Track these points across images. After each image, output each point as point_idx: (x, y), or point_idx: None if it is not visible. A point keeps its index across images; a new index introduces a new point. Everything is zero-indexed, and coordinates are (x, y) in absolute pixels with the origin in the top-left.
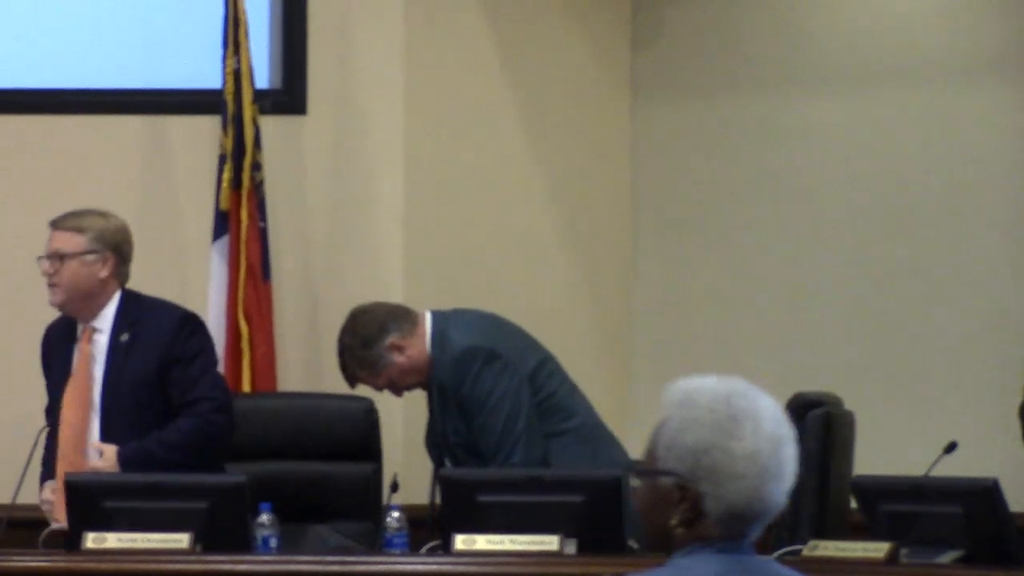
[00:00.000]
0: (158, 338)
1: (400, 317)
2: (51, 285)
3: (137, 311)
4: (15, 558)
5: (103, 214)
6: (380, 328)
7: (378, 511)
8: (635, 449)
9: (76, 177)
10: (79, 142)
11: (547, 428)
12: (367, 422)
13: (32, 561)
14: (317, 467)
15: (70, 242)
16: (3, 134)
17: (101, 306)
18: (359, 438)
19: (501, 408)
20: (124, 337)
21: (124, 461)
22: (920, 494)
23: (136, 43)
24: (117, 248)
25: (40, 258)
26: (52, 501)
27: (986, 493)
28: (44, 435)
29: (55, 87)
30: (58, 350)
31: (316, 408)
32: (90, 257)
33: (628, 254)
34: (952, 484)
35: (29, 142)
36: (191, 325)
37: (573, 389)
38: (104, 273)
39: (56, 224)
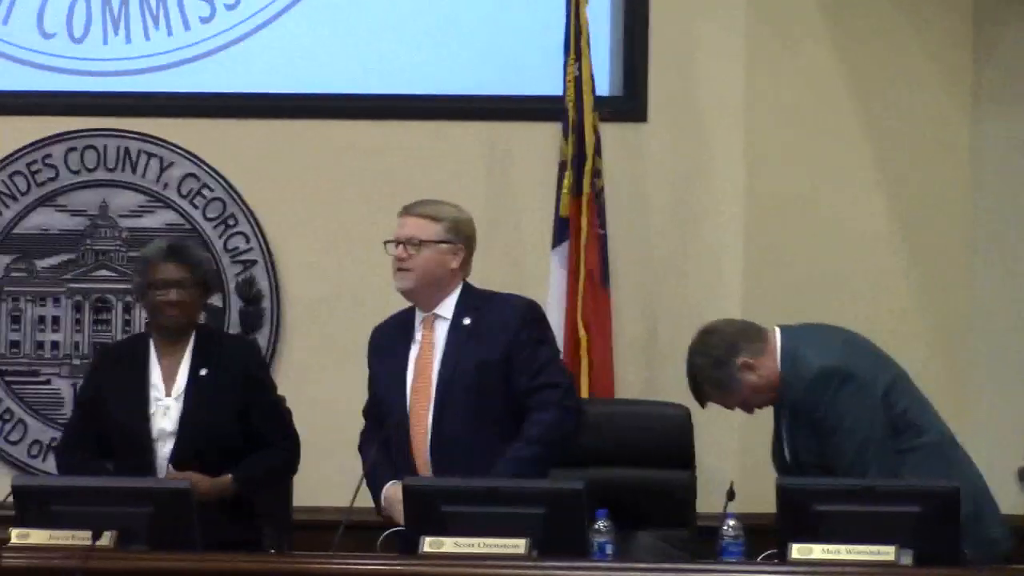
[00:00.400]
0: (504, 322)
1: (750, 335)
2: (401, 270)
3: (479, 298)
4: (354, 561)
5: (455, 205)
6: (731, 347)
7: (693, 518)
8: (975, 456)
9: (418, 181)
10: (422, 147)
11: (899, 445)
12: (683, 429)
13: (370, 564)
14: (634, 473)
15: (426, 229)
16: (349, 138)
17: (445, 296)
18: (676, 445)
19: (855, 431)
20: (467, 321)
21: (514, 475)
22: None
23: (478, 51)
24: (468, 241)
25: (389, 242)
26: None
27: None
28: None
29: (400, 93)
30: (388, 350)
31: (631, 415)
32: (444, 246)
33: (966, 263)
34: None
35: (373, 147)
36: (536, 312)
37: (925, 405)
38: (455, 264)
39: (410, 210)
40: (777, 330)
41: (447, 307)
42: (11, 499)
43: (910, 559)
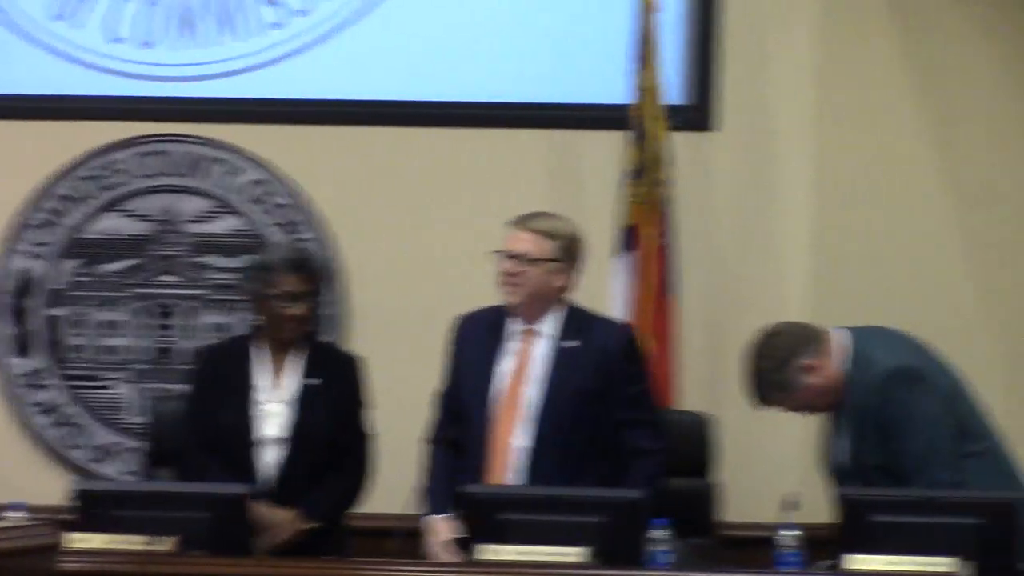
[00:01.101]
0: (609, 350)
1: (813, 337)
2: (510, 284)
3: (584, 320)
4: (411, 568)
5: (568, 221)
6: (793, 349)
7: (712, 526)
8: None
9: (485, 189)
10: (488, 155)
11: (961, 449)
12: (701, 437)
13: (427, 571)
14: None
15: (541, 246)
16: (416, 145)
17: (548, 311)
18: (693, 453)
19: (925, 431)
20: (571, 344)
21: None
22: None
23: (545, 58)
24: (577, 260)
25: (498, 253)
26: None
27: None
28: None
29: (467, 100)
30: (475, 349)
31: None
32: (555, 265)
33: None
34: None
35: (439, 153)
36: (637, 341)
37: (982, 411)
38: (562, 282)
39: (526, 225)
40: (841, 331)
41: (550, 324)
42: (73, 503)
43: (970, 571)
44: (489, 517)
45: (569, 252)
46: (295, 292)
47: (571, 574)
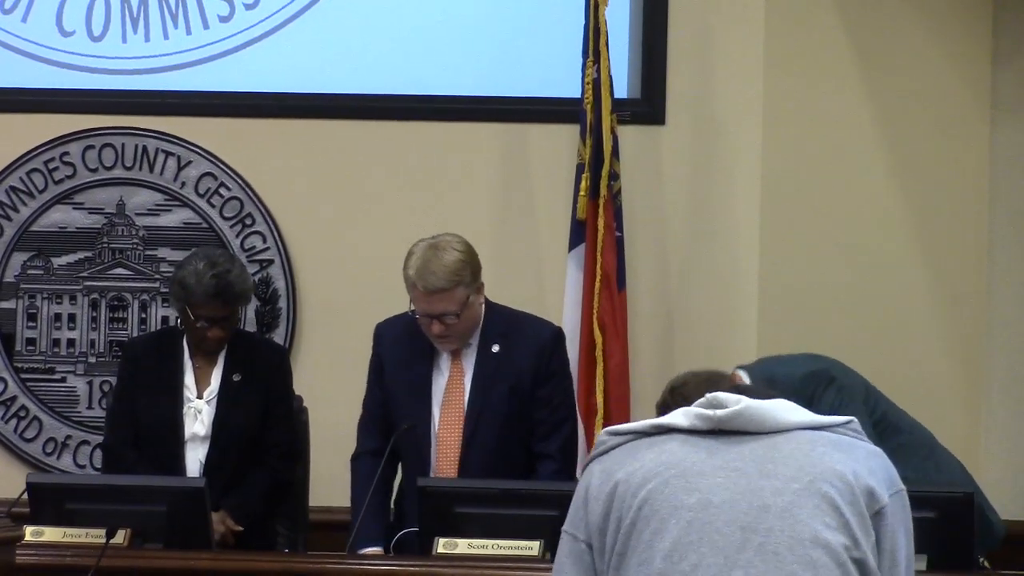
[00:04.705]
0: (534, 350)
1: (718, 381)
2: (444, 339)
3: (505, 322)
4: (368, 562)
5: (455, 244)
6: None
7: None
8: (990, 465)
9: (435, 183)
10: (438, 149)
11: (885, 447)
12: None
13: (384, 565)
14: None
15: (456, 298)
16: (366, 138)
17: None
18: None
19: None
20: (495, 348)
21: None
22: None
23: (496, 52)
24: (480, 270)
25: (420, 316)
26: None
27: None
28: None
29: (417, 94)
30: (402, 360)
31: None
32: (474, 296)
33: (983, 270)
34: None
35: (390, 147)
36: (561, 342)
37: (898, 408)
38: (481, 299)
39: (429, 286)
40: (740, 371)
41: (475, 332)
42: (26, 496)
43: (924, 564)
44: (445, 511)
45: (474, 275)
46: (215, 317)
47: (525, 567)
